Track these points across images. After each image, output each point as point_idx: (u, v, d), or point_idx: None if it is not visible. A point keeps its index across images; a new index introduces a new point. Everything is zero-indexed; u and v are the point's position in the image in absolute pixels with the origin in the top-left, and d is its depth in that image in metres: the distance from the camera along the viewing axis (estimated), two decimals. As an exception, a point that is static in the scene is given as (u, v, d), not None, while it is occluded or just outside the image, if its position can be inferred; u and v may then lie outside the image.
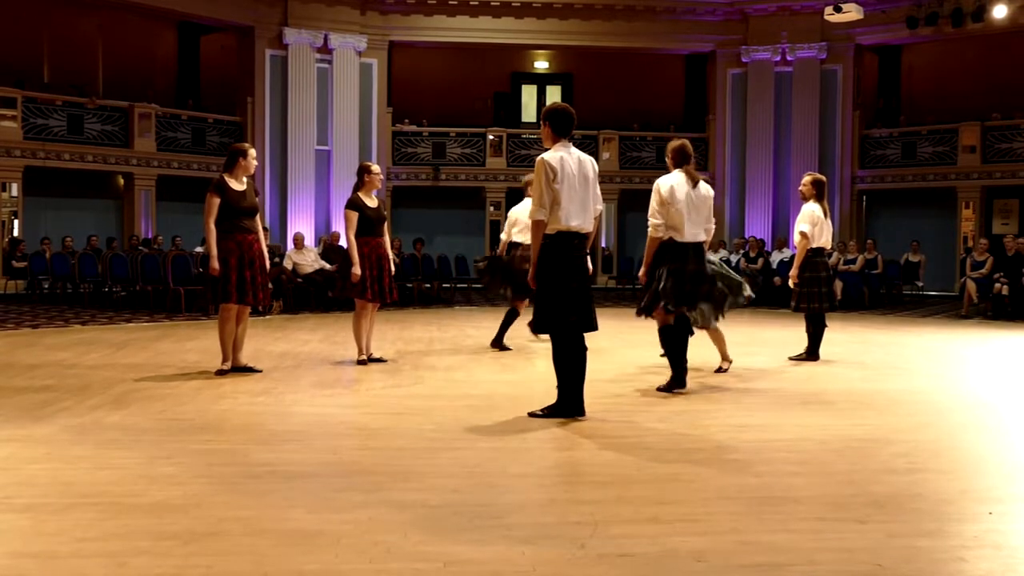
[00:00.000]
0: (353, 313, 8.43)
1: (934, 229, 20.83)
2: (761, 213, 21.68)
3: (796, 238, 8.80)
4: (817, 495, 4.11)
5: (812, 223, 8.63)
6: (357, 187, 8.27)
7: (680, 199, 6.68)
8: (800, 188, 8.91)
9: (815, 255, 8.74)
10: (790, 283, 8.94)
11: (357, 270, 8.04)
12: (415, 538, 3.45)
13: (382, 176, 8.46)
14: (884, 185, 21.63)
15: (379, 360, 8.44)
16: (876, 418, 5.98)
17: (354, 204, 8.15)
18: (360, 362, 8.28)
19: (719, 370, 7.81)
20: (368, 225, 8.16)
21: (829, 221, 8.83)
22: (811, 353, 8.90)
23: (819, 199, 8.73)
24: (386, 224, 8.48)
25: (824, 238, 8.75)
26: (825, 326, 9.02)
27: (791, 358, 8.92)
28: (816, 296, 8.76)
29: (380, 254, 8.23)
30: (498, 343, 9.53)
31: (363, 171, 8.32)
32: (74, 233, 17.85)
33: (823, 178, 9.03)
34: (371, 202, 8.25)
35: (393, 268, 8.44)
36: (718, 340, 7.83)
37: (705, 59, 22.88)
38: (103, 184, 20.27)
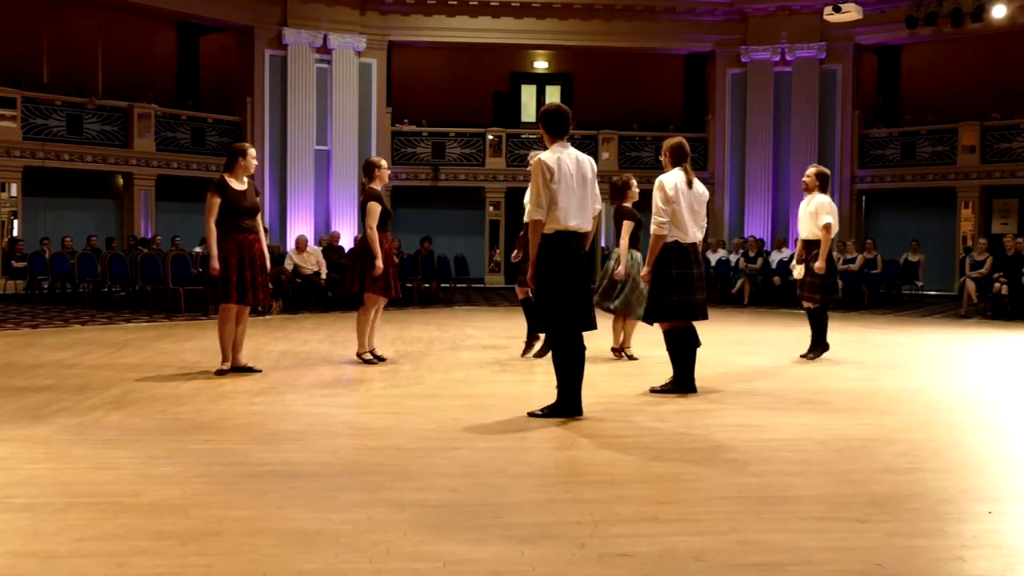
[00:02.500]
0: (361, 309, 8.33)
1: (934, 229, 20.83)
2: (760, 213, 21.68)
3: (817, 231, 8.61)
4: (817, 495, 4.11)
5: (834, 214, 8.60)
6: (369, 182, 8.23)
7: (682, 198, 6.66)
8: (804, 179, 8.86)
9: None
10: (816, 268, 8.64)
11: (380, 263, 8.01)
12: (415, 538, 3.45)
13: (389, 171, 8.50)
14: (884, 185, 21.64)
15: (381, 359, 8.42)
16: (876, 418, 5.98)
17: (378, 197, 8.12)
18: (365, 360, 8.25)
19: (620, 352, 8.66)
20: (385, 219, 8.18)
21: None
22: (821, 344, 8.84)
23: (823, 191, 8.70)
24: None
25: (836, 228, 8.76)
26: (827, 318, 8.97)
27: (803, 356, 8.87)
28: (828, 288, 8.71)
29: (388, 249, 8.25)
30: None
31: (373, 166, 8.27)
32: (73, 233, 17.85)
33: (827, 171, 8.96)
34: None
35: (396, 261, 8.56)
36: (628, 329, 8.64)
37: (704, 59, 22.88)
38: (102, 184, 20.27)
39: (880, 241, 19.34)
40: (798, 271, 8.96)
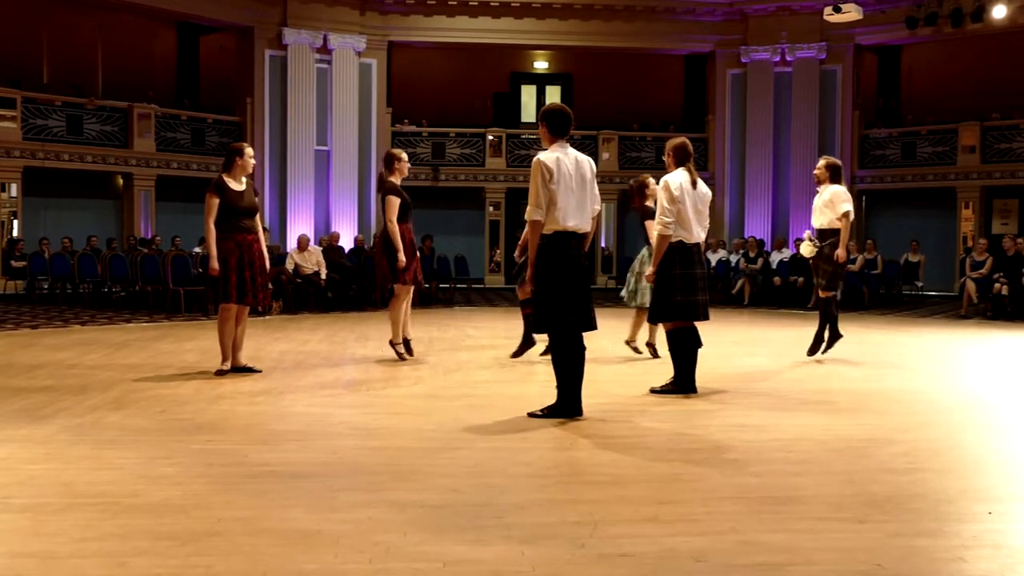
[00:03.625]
0: (393, 299, 8.51)
1: (934, 229, 20.84)
2: (761, 213, 21.68)
3: (833, 221, 8.58)
4: (817, 495, 4.11)
5: (850, 202, 8.57)
6: (389, 174, 8.38)
7: (687, 198, 6.66)
8: (815, 172, 8.83)
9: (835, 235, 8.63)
10: (838, 256, 8.59)
11: (403, 256, 8.17)
12: (415, 538, 3.45)
13: (409, 164, 8.60)
14: (884, 185, 21.64)
15: (410, 352, 8.51)
16: (876, 418, 5.98)
17: (396, 190, 8.28)
18: (399, 353, 8.40)
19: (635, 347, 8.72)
20: (404, 211, 8.33)
21: None
22: (834, 334, 8.79)
23: (836, 182, 8.66)
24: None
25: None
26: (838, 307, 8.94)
27: (821, 353, 8.83)
28: (837, 280, 8.69)
29: (411, 239, 8.44)
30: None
31: (392, 158, 8.46)
32: (73, 233, 17.85)
33: (838, 161, 8.92)
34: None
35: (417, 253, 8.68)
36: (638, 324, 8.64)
37: (704, 59, 22.89)
38: (102, 184, 20.26)
39: (880, 241, 19.34)
40: (806, 247, 8.83)
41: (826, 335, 8.84)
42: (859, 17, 18.91)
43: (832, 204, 8.61)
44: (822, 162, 8.84)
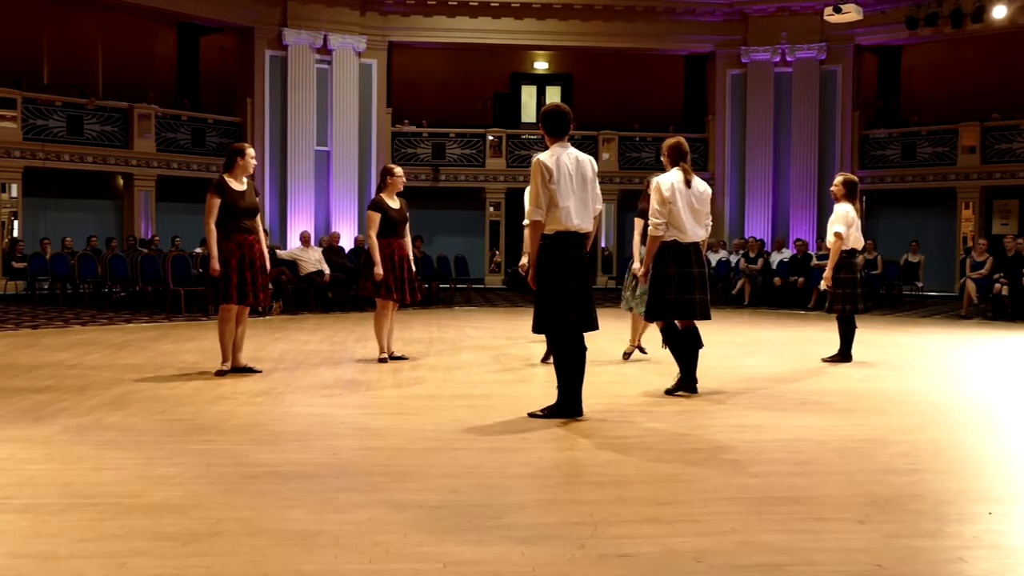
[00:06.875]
0: (374, 312, 8.61)
1: (934, 229, 20.84)
2: (761, 214, 21.68)
3: (830, 238, 8.66)
4: (817, 495, 4.11)
5: (847, 224, 8.54)
6: (380, 188, 8.50)
7: (680, 197, 6.66)
8: (832, 189, 8.84)
9: (847, 256, 8.66)
10: (822, 285, 8.80)
11: (379, 270, 8.23)
12: (415, 538, 3.45)
13: (404, 179, 8.61)
14: (884, 185, 21.64)
15: (401, 358, 8.60)
16: (876, 418, 5.98)
17: (377, 206, 8.37)
18: (381, 360, 8.43)
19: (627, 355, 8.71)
20: (390, 226, 8.36)
21: (858, 220, 8.76)
22: (844, 355, 8.80)
23: (851, 199, 8.65)
24: (408, 225, 8.63)
25: (856, 238, 8.67)
26: (855, 327, 8.90)
27: (824, 360, 8.84)
28: (850, 297, 8.68)
29: (402, 255, 8.44)
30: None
31: (386, 173, 8.52)
32: (74, 234, 17.85)
33: (855, 178, 8.91)
34: (394, 203, 8.44)
35: (413, 268, 8.63)
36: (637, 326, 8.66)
37: (705, 60, 22.89)
38: (103, 185, 20.26)
39: (880, 242, 19.35)
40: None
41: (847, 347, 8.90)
42: (859, 17, 18.91)
43: (830, 224, 8.67)
44: (838, 179, 8.82)
